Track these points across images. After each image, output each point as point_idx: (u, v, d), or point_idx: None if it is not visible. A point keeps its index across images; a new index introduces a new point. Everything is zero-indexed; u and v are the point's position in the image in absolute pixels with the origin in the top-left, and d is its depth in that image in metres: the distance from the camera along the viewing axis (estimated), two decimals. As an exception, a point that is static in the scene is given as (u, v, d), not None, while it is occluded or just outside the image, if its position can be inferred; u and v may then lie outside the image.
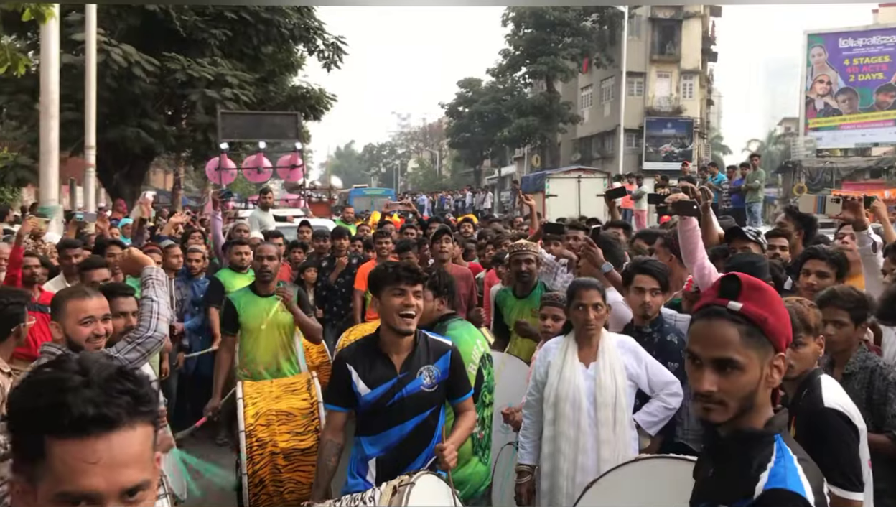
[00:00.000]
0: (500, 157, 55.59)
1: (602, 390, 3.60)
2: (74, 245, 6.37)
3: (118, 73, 15.78)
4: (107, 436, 1.15)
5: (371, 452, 3.24)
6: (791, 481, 1.62)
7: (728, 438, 1.77)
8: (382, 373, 3.20)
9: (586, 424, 3.59)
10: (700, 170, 22.50)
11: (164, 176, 39.50)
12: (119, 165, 18.91)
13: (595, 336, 3.72)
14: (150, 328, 2.90)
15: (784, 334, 1.76)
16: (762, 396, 1.74)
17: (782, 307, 1.79)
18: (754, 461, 1.67)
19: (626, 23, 35.13)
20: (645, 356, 3.75)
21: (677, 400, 3.72)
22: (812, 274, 4.09)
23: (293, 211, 13.23)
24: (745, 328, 1.71)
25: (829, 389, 2.67)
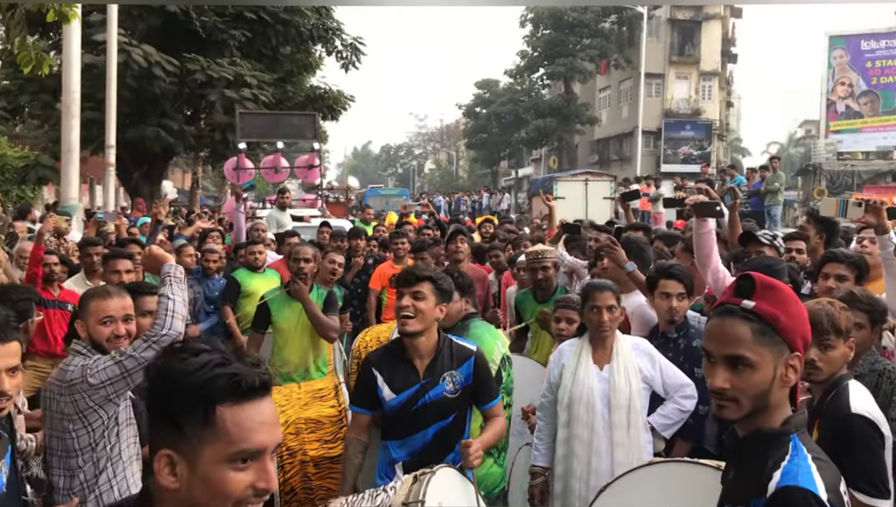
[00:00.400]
0: (517, 158, 55.48)
1: (616, 392, 3.59)
2: (95, 243, 6.43)
3: (138, 74, 15.94)
4: (265, 400, 1.37)
5: (398, 455, 3.26)
6: (803, 478, 1.62)
7: (746, 438, 1.78)
8: (406, 379, 3.21)
9: (600, 426, 3.58)
10: (719, 172, 22.35)
11: (182, 175, 39.79)
12: (138, 164, 19.09)
13: (609, 338, 3.71)
14: (165, 326, 2.91)
15: (799, 334, 1.75)
16: (777, 395, 1.74)
17: (798, 307, 1.78)
18: (769, 460, 1.68)
19: (644, 24, 34.97)
20: (659, 359, 3.73)
21: (691, 402, 3.70)
22: (831, 277, 4.05)
23: (310, 211, 13.27)
24: (757, 326, 1.73)
25: (856, 394, 2.63)
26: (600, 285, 3.83)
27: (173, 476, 1.33)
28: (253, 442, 1.33)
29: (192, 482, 1.33)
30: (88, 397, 2.84)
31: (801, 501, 1.60)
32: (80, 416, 2.86)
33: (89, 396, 2.84)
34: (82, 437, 2.88)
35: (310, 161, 14.24)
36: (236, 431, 1.32)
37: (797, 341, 1.74)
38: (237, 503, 1.33)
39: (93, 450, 2.90)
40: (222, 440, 1.31)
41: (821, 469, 1.66)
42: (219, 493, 1.32)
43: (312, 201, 14.99)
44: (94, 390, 2.83)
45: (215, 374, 1.32)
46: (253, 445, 1.33)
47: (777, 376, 1.72)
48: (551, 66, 39.56)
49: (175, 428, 1.33)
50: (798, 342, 1.75)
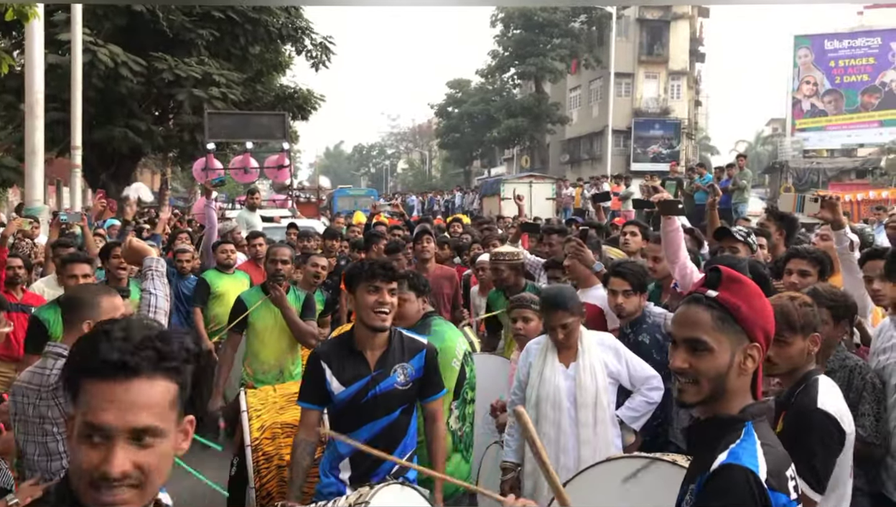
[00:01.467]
0: (489, 157, 55.62)
1: (582, 390, 3.62)
2: (67, 244, 6.37)
3: (105, 74, 15.74)
4: (126, 382, 1.34)
5: (344, 451, 3.24)
6: (746, 458, 1.71)
7: (703, 423, 1.87)
8: (356, 371, 3.21)
9: (567, 424, 3.61)
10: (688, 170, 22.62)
11: (151, 176, 39.29)
12: (106, 165, 18.85)
13: (573, 339, 3.74)
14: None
15: (759, 326, 1.83)
16: (735, 382, 1.82)
17: (761, 302, 1.86)
18: (721, 443, 1.76)
19: (614, 24, 35.22)
20: (625, 353, 3.79)
21: (658, 394, 3.75)
22: (794, 273, 4.10)
23: (280, 211, 13.18)
24: (717, 314, 1.82)
25: (825, 391, 2.67)
26: (552, 304, 3.75)
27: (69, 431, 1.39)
28: (98, 418, 1.32)
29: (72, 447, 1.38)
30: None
31: (739, 478, 1.68)
32: (67, 419, 2.83)
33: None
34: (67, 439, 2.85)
35: (279, 161, 14.14)
36: (89, 404, 1.34)
37: (756, 332, 1.82)
38: (91, 482, 1.33)
39: None
40: (80, 411, 1.35)
41: (766, 454, 1.73)
42: (74, 465, 1.36)
43: (283, 202, 14.88)
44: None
45: (88, 348, 1.35)
46: (97, 421, 1.32)
47: (734, 363, 1.80)
48: (522, 66, 39.72)
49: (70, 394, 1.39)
50: (757, 334, 1.82)
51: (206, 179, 12.57)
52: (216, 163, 13.50)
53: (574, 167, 41.77)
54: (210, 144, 12.83)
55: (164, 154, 22.13)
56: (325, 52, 20.28)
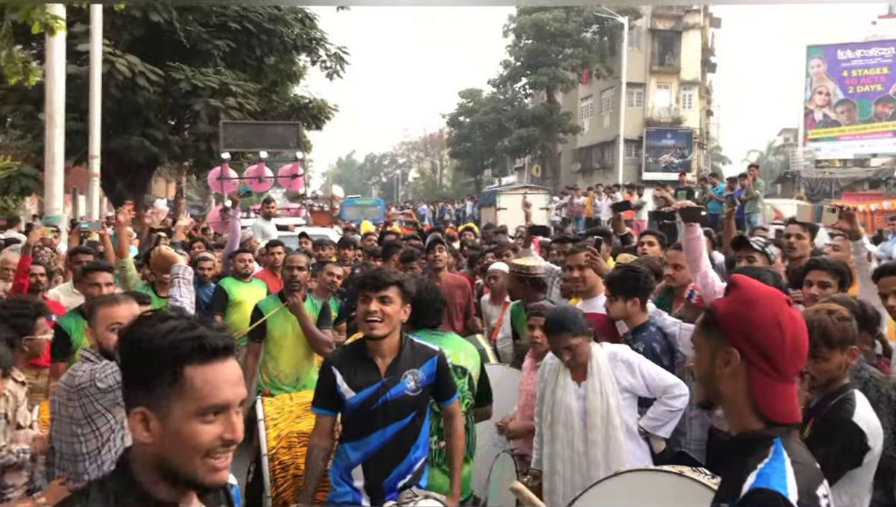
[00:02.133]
0: (500, 166, 55.65)
1: (591, 412, 3.61)
2: (86, 251, 6.46)
3: (122, 84, 15.91)
4: (229, 360, 1.50)
5: (354, 458, 3.27)
6: (775, 481, 1.67)
7: (733, 440, 1.84)
8: (367, 377, 3.25)
9: (580, 444, 3.62)
10: (700, 180, 22.63)
11: (165, 185, 39.59)
12: (122, 174, 19.03)
13: (585, 358, 3.71)
14: None
15: (738, 331, 1.77)
16: (725, 387, 1.79)
17: (747, 307, 1.79)
18: (749, 463, 1.73)
19: (625, 34, 35.29)
20: (640, 364, 3.73)
21: (682, 401, 3.69)
22: (814, 284, 4.03)
23: (294, 220, 13.32)
24: (706, 317, 1.90)
25: (862, 405, 2.70)
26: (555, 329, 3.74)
27: (147, 432, 1.45)
28: (219, 398, 1.46)
29: (164, 435, 1.45)
30: (97, 401, 2.91)
31: (771, 504, 1.64)
32: (89, 420, 2.93)
33: (98, 400, 2.91)
34: (90, 441, 2.95)
35: (293, 171, 14.29)
36: (204, 387, 1.45)
37: (733, 337, 1.78)
38: (207, 453, 1.46)
39: (98, 453, 2.96)
40: (190, 396, 1.44)
41: (797, 473, 1.69)
42: (190, 445, 1.45)
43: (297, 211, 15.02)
44: (102, 394, 2.90)
45: (183, 337, 1.45)
46: (219, 400, 1.46)
47: (716, 365, 1.80)
48: (534, 76, 39.80)
49: (147, 388, 1.45)
50: (734, 338, 1.78)
51: (221, 188, 12.71)
52: (231, 172, 13.66)
53: (585, 176, 41.78)
54: (225, 153, 12.99)
55: (179, 163, 22.30)
56: (340, 62, 20.44)
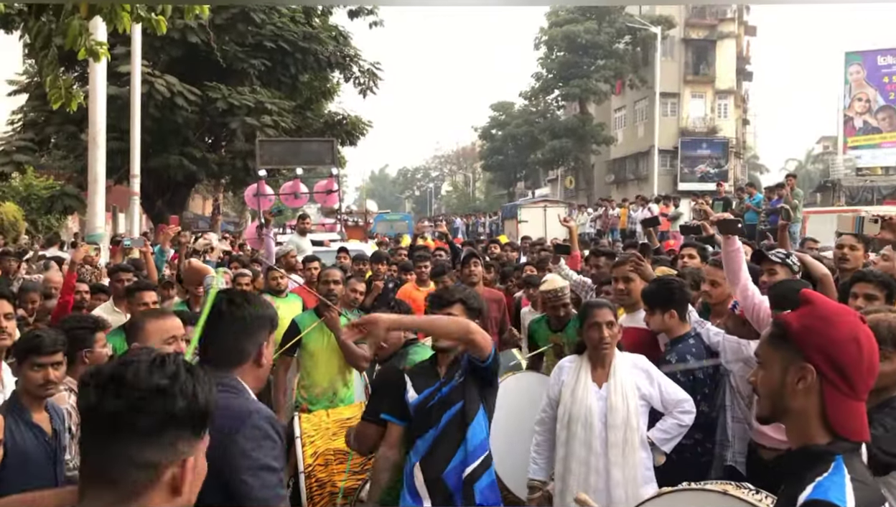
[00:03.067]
0: (533, 179, 55.60)
1: (613, 411, 3.66)
2: (126, 269, 6.56)
3: (161, 103, 16.29)
4: None
5: (414, 459, 3.35)
6: (833, 494, 1.64)
7: (793, 453, 1.83)
8: (428, 381, 3.39)
9: (598, 445, 3.65)
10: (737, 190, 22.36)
11: (202, 202, 40.24)
12: (161, 191, 19.44)
13: (608, 355, 3.79)
14: None
15: (814, 347, 1.75)
16: (795, 403, 1.77)
17: (824, 323, 1.78)
18: (807, 476, 1.71)
19: (658, 44, 35.10)
20: (658, 376, 3.81)
21: (690, 417, 3.76)
22: (860, 297, 3.92)
23: (329, 235, 13.43)
24: (774, 331, 1.87)
25: None
26: (598, 302, 4.00)
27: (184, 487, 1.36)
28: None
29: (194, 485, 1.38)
30: None
31: None
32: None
33: None
34: None
35: (328, 186, 14.42)
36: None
37: (810, 353, 1.76)
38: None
39: None
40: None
41: (857, 490, 1.66)
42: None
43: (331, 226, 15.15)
44: None
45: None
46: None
47: (788, 381, 1.77)
48: (566, 88, 39.75)
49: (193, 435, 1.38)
50: (811, 354, 1.75)
51: (258, 205, 12.89)
52: (267, 189, 13.84)
53: (620, 187, 41.52)
54: (261, 170, 13.16)
55: (216, 180, 22.69)
56: (373, 78, 20.66)
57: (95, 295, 6.49)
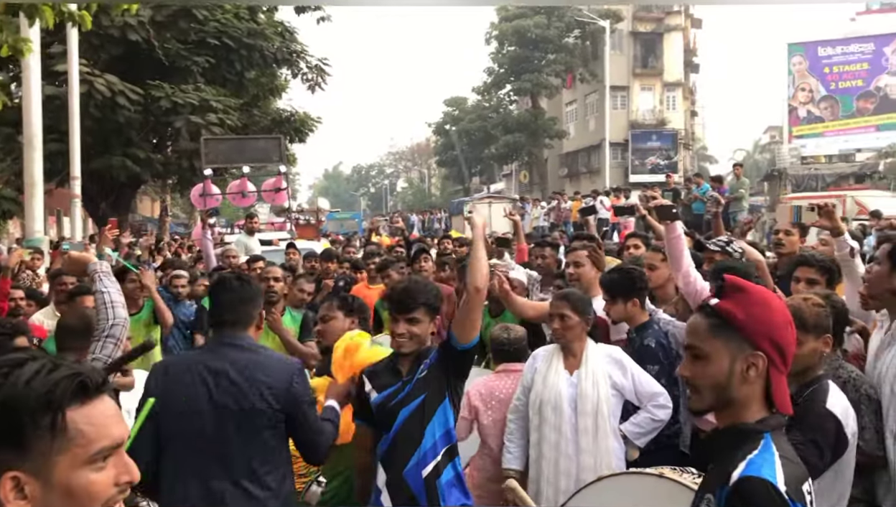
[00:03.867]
0: (488, 174, 55.76)
1: (583, 398, 3.68)
2: (67, 274, 6.36)
3: (102, 103, 15.82)
4: (106, 396, 1.34)
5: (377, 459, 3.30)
6: (766, 470, 1.69)
7: (721, 432, 1.86)
8: (390, 379, 3.31)
9: (568, 430, 3.68)
10: (685, 181, 22.70)
11: (151, 204, 39.45)
12: (105, 194, 18.93)
13: (576, 345, 3.82)
14: (110, 317, 2.92)
15: (762, 334, 1.79)
16: (741, 391, 1.80)
17: (766, 310, 1.82)
18: (738, 455, 1.75)
19: (608, 37, 35.46)
20: (632, 367, 3.82)
21: (665, 412, 3.76)
22: (802, 281, 4.04)
23: (279, 234, 13.20)
24: (714, 322, 1.83)
25: (834, 394, 2.74)
26: (557, 295, 4.05)
27: (23, 500, 1.24)
28: (110, 438, 1.31)
29: (48, 499, 1.25)
30: None
31: (761, 490, 1.66)
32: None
33: None
34: None
35: (277, 184, 14.16)
36: (92, 430, 1.28)
37: (759, 340, 1.79)
38: (105, 504, 1.30)
39: None
40: (77, 444, 1.27)
41: (785, 466, 1.72)
42: (86, 499, 1.28)
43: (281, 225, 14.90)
44: None
45: (57, 378, 1.27)
46: (110, 441, 1.31)
47: (736, 371, 1.78)
48: (518, 82, 39.96)
49: (17, 448, 1.24)
50: (760, 342, 1.79)
51: (204, 205, 12.62)
52: (214, 188, 13.55)
53: (573, 181, 41.87)
54: (207, 169, 12.86)
55: (163, 181, 22.22)
56: (321, 74, 20.42)
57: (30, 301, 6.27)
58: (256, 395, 2.84)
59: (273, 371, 2.90)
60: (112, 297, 2.98)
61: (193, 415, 2.84)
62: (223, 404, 2.83)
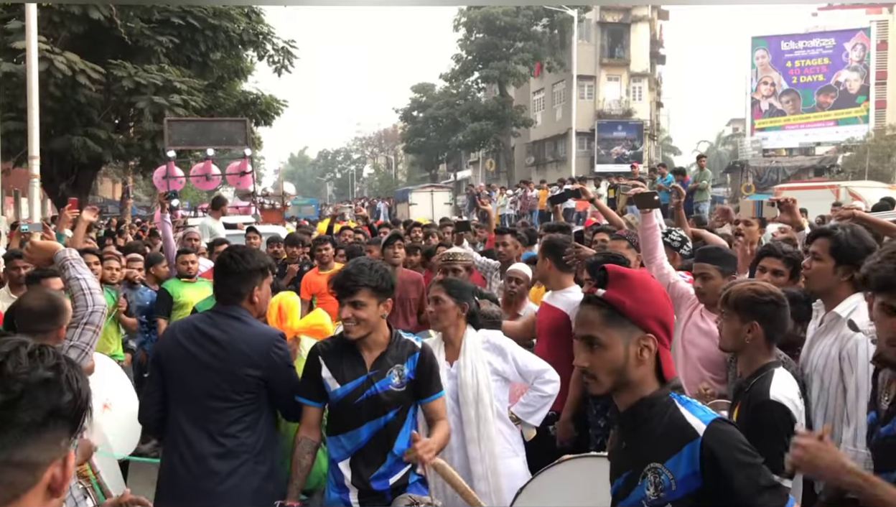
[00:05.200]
0: (455, 161, 55.73)
1: (464, 388, 3.64)
2: (21, 256, 6.23)
3: (62, 82, 15.45)
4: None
5: (342, 453, 3.21)
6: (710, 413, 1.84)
7: (630, 410, 1.93)
8: (353, 370, 3.18)
9: (453, 421, 3.60)
10: (650, 171, 22.98)
11: (112, 185, 38.73)
12: (65, 174, 18.54)
13: (453, 333, 3.75)
14: (89, 304, 2.86)
15: (649, 315, 1.90)
16: (636, 373, 1.90)
17: (648, 292, 1.94)
18: (664, 418, 1.85)
19: (575, 27, 35.57)
20: (512, 350, 3.78)
21: (553, 386, 3.77)
22: (767, 271, 4.03)
23: (244, 218, 13.09)
24: (606, 311, 1.92)
25: (779, 382, 2.75)
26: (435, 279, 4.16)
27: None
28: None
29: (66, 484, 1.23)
30: None
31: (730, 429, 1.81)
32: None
33: None
34: None
35: (242, 168, 14.03)
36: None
37: (648, 323, 1.90)
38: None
39: None
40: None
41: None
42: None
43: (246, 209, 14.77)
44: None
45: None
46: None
47: (630, 355, 1.89)
48: (485, 70, 39.94)
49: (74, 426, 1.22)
50: (649, 323, 1.90)
51: (167, 187, 12.45)
52: (177, 171, 13.37)
53: (539, 169, 42.06)
54: (170, 151, 12.69)
55: (125, 163, 21.81)
56: (288, 56, 20.18)
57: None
58: (238, 361, 3.16)
59: (255, 341, 3.20)
60: (89, 284, 2.91)
61: (185, 373, 3.20)
62: (208, 365, 3.16)
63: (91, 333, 2.84)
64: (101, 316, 2.88)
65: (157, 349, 3.43)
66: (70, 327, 2.87)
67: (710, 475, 1.75)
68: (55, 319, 2.96)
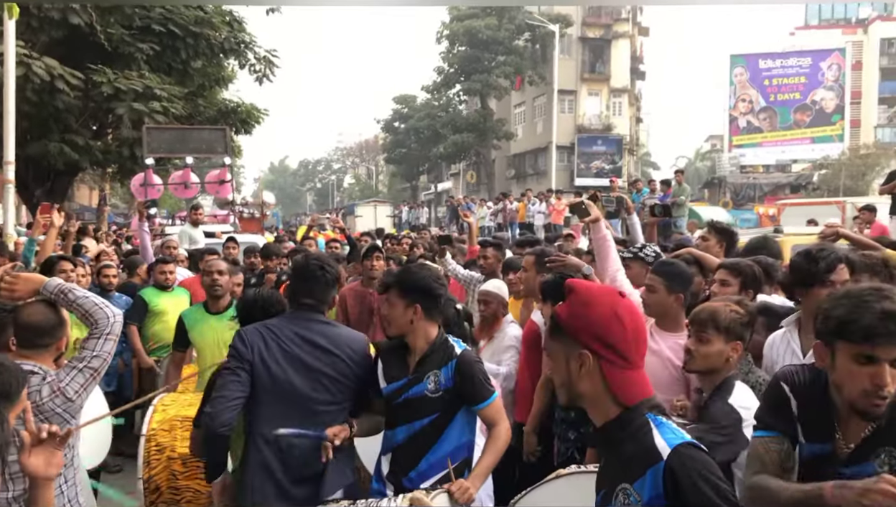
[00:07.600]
0: (436, 172, 55.80)
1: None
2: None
3: (40, 87, 15.27)
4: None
5: (385, 446, 3.32)
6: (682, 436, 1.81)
7: (601, 429, 1.91)
8: (397, 372, 3.30)
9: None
10: (629, 185, 23.17)
11: (89, 192, 38.35)
12: (41, 180, 18.30)
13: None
14: (108, 316, 2.95)
15: (583, 331, 1.86)
16: (583, 387, 1.87)
17: (587, 308, 1.87)
18: (636, 441, 1.81)
19: (557, 42, 35.83)
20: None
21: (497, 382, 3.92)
22: (716, 282, 4.06)
23: (222, 227, 13.00)
24: (552, 324, 1.97)
25: (739, 392, 2.79)
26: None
27: None
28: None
29: None
30: (64, 411, 2.83)
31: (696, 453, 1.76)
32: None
33: (65, 408, 2.83)
34: None
35: (221, 176, 13.96)
36: None
37: (582, 338, 1.86)
38: None
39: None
40: None
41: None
42: None
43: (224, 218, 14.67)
44: (70, 403, 2.84)
45: None
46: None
47: (571, 369, 1.88)
48: (467, 83, 40.05)
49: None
50: (584, 339, 1.85)
51: (144, 195, 12.35)
52: (156, 178, 13.27)
53: (520, 182, 42.21)
54: (149, 159, 12.58)
55: (102, 169, 21.58)
56: (269, 65, 20.08)
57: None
58: (345, 363, 3.34)
59: (354, 343, 3.42)
60: (97, 299, 2.99)
61: (289, 376, 3.26)
62: (316, 367, 3.29)
63: (112, 342, 2.96)
64: (120, 325, 3.00)
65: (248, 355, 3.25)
66: (92, 338, 2.95)
67: (672, 498, 1.73)
68: (55, 332, 2.99)
